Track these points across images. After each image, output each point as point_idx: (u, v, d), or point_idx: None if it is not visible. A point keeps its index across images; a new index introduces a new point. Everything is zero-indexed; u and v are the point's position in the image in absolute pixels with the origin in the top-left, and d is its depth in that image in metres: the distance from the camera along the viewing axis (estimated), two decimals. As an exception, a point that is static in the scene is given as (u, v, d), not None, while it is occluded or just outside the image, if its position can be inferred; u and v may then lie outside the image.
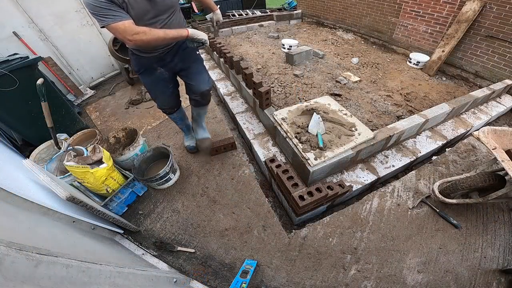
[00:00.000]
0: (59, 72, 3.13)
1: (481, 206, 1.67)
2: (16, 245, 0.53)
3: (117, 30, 1.12)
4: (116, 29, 1.13)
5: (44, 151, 2.05)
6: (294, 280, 1.37)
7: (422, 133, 2.27)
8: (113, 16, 1.10)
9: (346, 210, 1.68)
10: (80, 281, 0.66)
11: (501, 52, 2.81)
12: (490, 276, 1.36)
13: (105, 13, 1.07)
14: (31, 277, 0.51)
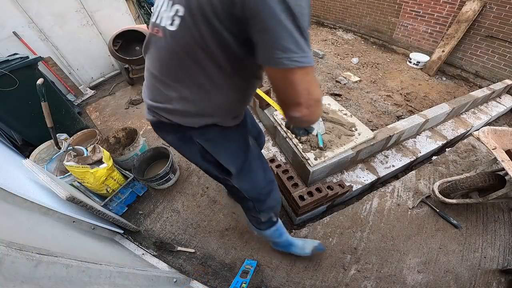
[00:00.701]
0: (59, 72, 3.12)
1: (481, 206, 1.67)
2: (16, 245, 0.53)
3: (310, 83, 0.56)
4: (311, 82, 0.56)
5: (44, 151, 2.05)
6: (294, 280, 1.37)
7: (422, 133, 2.27)
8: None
9: (346, 210, 1.68)
10: (80, 281, 0.66)
11: (501, 52, 2.81)
12: (490, 276, 1.36)
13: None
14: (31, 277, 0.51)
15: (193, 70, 0.65)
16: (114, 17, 3.63)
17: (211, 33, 0.56)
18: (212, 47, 0.59)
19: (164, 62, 0.69)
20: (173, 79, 0.70)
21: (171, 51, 0.65)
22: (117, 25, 3.42)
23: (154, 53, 0.72)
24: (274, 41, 0.49)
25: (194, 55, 0.62)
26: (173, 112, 0.75)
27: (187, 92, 0.70)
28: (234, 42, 0.57)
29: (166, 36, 0.64)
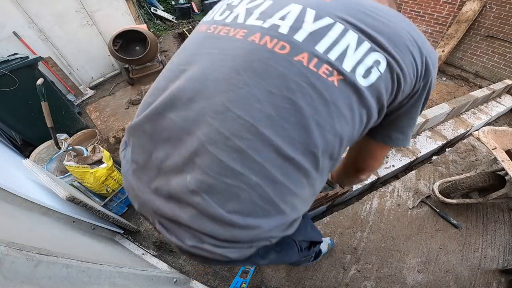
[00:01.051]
0: (59, 72, 3.12)
1: (481, 206, 1.67)
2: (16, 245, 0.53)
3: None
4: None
5: (44, 151, 2.05)
6: (294, 280, 1.37)
7: (422, 133, 2.27)
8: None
9: (346, 210, 1.68)
10: (80, 281, 0.67)
11: (501, 52, 2.81)
12: (490, 276, 1.36)
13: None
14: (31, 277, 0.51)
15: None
16: (114, 17, 3.63)
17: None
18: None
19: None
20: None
21: (330, 107, 0.39)
22: (117, 25, 3.43)
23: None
24: (399, 126, 0.50)
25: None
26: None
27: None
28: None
29: (344, 84, 0.39)
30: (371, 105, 0.41)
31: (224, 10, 0.49)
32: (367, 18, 0.40)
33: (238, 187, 0.37)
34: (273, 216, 0.40)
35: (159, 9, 7.09)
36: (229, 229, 0.39)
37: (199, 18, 7.14)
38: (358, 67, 0.39)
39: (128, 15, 3.79)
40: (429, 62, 0.42)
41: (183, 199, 0.40)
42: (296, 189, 0.41)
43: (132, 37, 3.30)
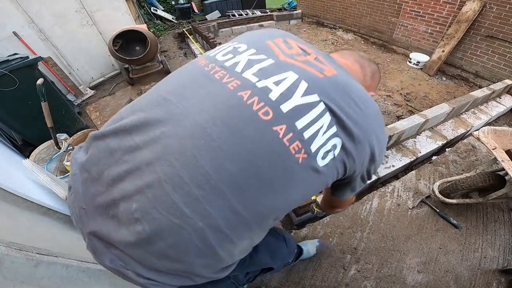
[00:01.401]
0: (59, 72, 3.13)
1: (481, 206, 1.67)
2: (16, 245, 0.53)
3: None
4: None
5: (44, 151, 2.05)
6: (294, 280, 1.37)
7: (422, 133, 2.27)
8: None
9: (346, 210, 1.68)
10: (80, 281, 0.67)
11: (501, 52, 2.81)
12: (490, 276, 1.36)
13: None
14: (31, 277, 0.51)
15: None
16: (114, 17, 3.63)
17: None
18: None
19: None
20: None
21: (292, 178, 0.43)
22: (117, 25, 3.43)
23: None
24: (351, 187, 0.59)
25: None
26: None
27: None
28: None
29: (305, 162, 0.43)
30: (325, 180, 0.47)
31: (228, 52, 0.50)
32: (347, 104, 0.45)
33: (182, 227, 0.38)
34: (208, 258, 0.41)
35: (159, 9, 7.10)
36: (161, 260, 0.39)
37: (199, 18, 7.14)
38: (320, 150, 0.43)
39: (128, 15, 3.80)
40: (376, 159, 0.51)
41: (123, 223, 0.39)
42: (237, 240, 0.42)
43: (132, 37, 3.30)
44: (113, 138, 0.44)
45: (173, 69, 3.99)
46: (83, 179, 0.45)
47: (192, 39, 4.92)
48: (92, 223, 0.42)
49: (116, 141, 0.43)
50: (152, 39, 3.20)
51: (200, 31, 4.36)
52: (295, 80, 0.43)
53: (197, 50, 4.42)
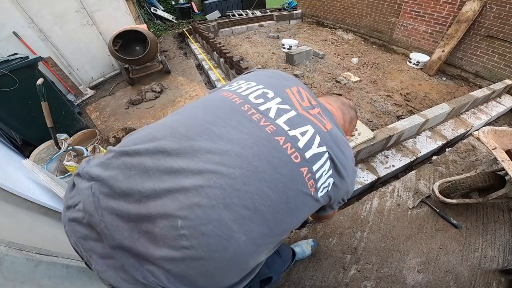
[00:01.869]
0: (59, 72, 3.13)
1: (481, 206, 1.67)
2: (16, 245, 0.53)
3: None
4: None
5: (44, 151, 2.05)
6: (294, 280, 1.37)
7: (422, 133, 2.27)
8: None
9: (346, 210, 1.68)
10: (80, 281, 0.67)
11: (501, 52, 2.81)
12: (490, 276, 1.36)
13: None
14: (31, 277, 0.51)
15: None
16: (114, 17, 3.64)
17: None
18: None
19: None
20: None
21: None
22: (117, 25, 3.43)
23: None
24: (332, 207, 0.70)
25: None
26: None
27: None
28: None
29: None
30: (320, 205, 0.60)
31: (259, 96, 0.59)
32: (339, 153, 0.59)
33: (229, 241, 0.43)
34: (239, 270, 0.47)
35: (159, 9, 7.10)
36: (200, 275, 0.43)
37: (199, 18, 7.14)
38: (322, 186, 0.56)
39: (128, 15, 3.80)
40: (350, 189, 0.68)
41: (164, 239, 0.41)
42: (265, 253, 0.51)
43: (132, 37, 3.30)
44: (148, 158, 0.47)
45: (173, 69, 3.99)
46: (103, 193, 0.45)
47: (192, 39, 4.92)
48: (119, 237, 0.43)
49: (152, 161, 0.47)
50: (152, 39, 3.20)
51: (200, 31, 4.36)
52: (312, 133, 0.56)
53: (197, 50, 4.42)
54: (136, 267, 0.42)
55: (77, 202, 0.48)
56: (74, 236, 0.47)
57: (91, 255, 0.45)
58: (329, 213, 0.75)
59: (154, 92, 3.28)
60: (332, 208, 0.72)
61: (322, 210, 0.73)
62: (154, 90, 3.29)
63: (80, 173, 0.51)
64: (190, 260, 0.41)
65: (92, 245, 0.45)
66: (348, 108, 0.81)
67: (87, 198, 0.46)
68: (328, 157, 0.57)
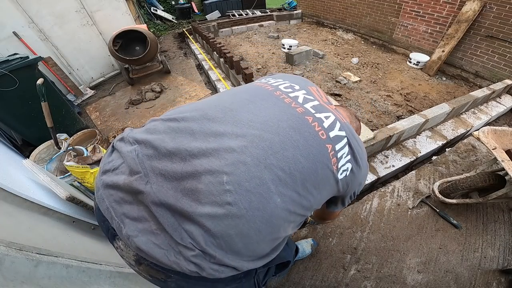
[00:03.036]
0: (59, 72, 3.12)
1: (481, 206, 1.67)
2: (16, 245, 0.53)
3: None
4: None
5: (44, 151, 2.05)
6: (294, 280, 1.37)
7: (422, 133, 2.27)
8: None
9: (346, 210, 1.68)
10: (80, 281, 0.66)
11: (501, 52, 2.81)
12: (490, 276, 1.36)
13: None
14: (31, 277, 0.51)
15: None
16: (114, 17, 3.63)
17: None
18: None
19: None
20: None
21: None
22: (117, 25, 3.43)
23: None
24: (343, 201, 0.74)
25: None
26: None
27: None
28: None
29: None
30: (338, 189, 0.62)
31: (287, 87, 0.67)
32: (356, 142, 0.63)
33: (268, 201, 0.47)
34: (273, 233, 0.50)
35: (159, 9, 7.10)
36: (239, 237, 0.45)
37: (199, 18, 7.14)
38: (341, 167, 0.60)
39: (128, 15, 3.80)
40: (362, 183, 0.71)
41: (209, 195, 0.44)
42: (294, 220, 0.54)
43: (132, 37, 3.30)
44: (195, 123, 0.52)
45: (173, 69, 3.99)
46: (146, 155, 0.49)
47: (192, 39, 4.92)
48: (163, 196, 0.44)
49: (198, 125, 0.52)
50: (152, 39, 3.20)
51: (200, 31, 4.36)
52: (334, 119, 0.61)
53: (197, 50, 4.42)
54: (175, 227, 0.43)
55: (118, 165, 0.51)
56: (108, 200, 0.49)
57: (123, 219, 0.46)
58: (337, 210, 0.77)
59: (154, 92, 3.28)
60: (343, 203, 0.73)
61: (332, 205, 0.75)
62: (154, 90, 3.29)
63: (124, 137, 0.55)
64: (232, 217, 0.43)
65: (126, 209, 0.47)
66: (355, 118, 0.87)
67: (132, 160, 0.49)
68: (347, 143, 0.60)
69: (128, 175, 0.48)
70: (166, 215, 0.44)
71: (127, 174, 0.48)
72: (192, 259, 0.43)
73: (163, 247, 0.43)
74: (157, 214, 0.44)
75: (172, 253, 0.43)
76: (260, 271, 0.76)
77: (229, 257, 0.45)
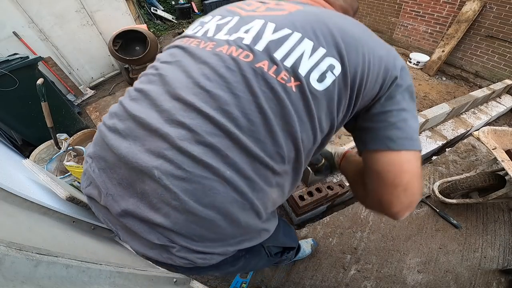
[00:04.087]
0: (59, 72, 3.12)
1: (481, 206, 1.67)
2: (16, 245, 0.53)
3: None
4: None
5: (44, 151, 2.05)
6: (294, 280, 1.37)
7: (422, 133, 2.27)
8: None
9: (346, 210, 1.68)
10: (80, 281, 0.66)
11: (501, 52, 2.81)
12: (490, 276, 1.36)
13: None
14: (31, 277, 0.51)
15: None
16: (114, 17, 3.63)
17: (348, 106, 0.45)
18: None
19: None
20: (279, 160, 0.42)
21: (289, 112, 0.40)
22: (117, 25, 3.43)
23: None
24: (390, 123, 0.46)
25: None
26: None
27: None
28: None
29: (300, 90, 0.41)
30: (330, 108, 0.43)
31: (196, 27, 0.53)
32: (323, 26, 0.43)
33: (213, 180, 0.38)
34: (248, 211, 0.42)
35: (159, 9, 7.10)
36: (205, 225, 0.40)
37: (199, 18, 7.14)
38: (312, 72, 0.40)
39: (128, 15, 3.79)
40: (395, 73, 0.44)
41: (154, 198, 0.40)
42: (266, 186, 0.42)
43: (132, 37, 3.30)
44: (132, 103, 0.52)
45: (173, 69, 3.99)
46: (101, 169, 0.47)
47: (192, 39, 4.91)
48: (124, 205, 0.43)
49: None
50: (152, 39, 3.20)
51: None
52: (262, 24, 0.44)
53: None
54: (148, 231, 0.41)
55: (89, 183, 0.49)
56: (99, 213, 0.50)
57: (117, 228, 0.47)
58: (389, 148, 0.43)
59: (154, 92, 3.27)
60: (388, 128, 0.43)
61: (367, 134, 0.46)
62: (154, 90, 3.29)
63: (85, 157, 0.54)
64: (183, 212, 0.40)
65: (114, 218, 0.46)
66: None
67: (93, 176, 0.47)
68: (302, 36, 0.42)
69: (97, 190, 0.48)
70: (134, 223, 0.42)
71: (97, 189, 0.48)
72: (178, 254, 0.42)
73: (154, 248, 0.43)
74: (127, 224, 0.43)
75: (161, 252, 0.43)
76: (270, 245, 0.73)
77: (206, 245, 0.42)
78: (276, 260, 0.82)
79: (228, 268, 0.56)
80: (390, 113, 0.44)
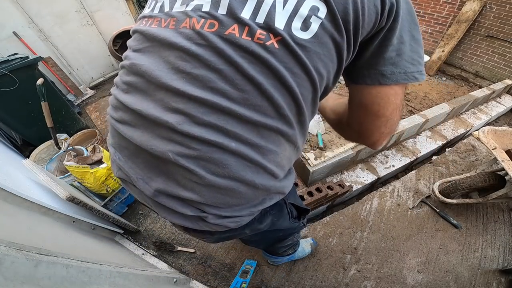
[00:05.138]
0: (59, 72, 3.12)
1: (481, 206, 1.67)
2: (16, 245, 0.53)
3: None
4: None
5: (44, 151, 2.05)
6: (294, 280, 1.37)
7: (422, 133, 2.27)
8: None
9: (346, 210, 1.68)
10: (80, 281, 0.66)
11: (501, 52, 2.81)
12: (490, 276, 1.36)
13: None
14: (31, 277, 0.51)
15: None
16: (114, 17, 3.63)
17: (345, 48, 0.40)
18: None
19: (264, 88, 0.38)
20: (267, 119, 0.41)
21: (278, 71, 0.38)
22: (117, 25, 3.43)
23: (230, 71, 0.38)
24: (386, 57, 0.44)
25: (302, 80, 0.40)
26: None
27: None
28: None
29: (283, 45, 0.37)
30: (324, 56, 0.39)
31: (150, 3, 0.49)
32: None
33: (222, 153, 0.40)
34: (262, 175, 0.43)
35: (159, 9, 7.09)
36: (228, 193, 0.43)
37: (199, 18, 7.13)
38: (293, 22, 0.36)
39: (128, 15, 3.79)
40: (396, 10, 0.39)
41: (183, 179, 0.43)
42: (275, 147, 0.43)
43: (132, 37, 3.29)
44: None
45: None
46: (127, 156, 0.51)
47: (192, 39, 4.91)
48: (155, 185, 0.46)
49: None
50: (152, 39, 3.19)
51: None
52: None
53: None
54: (180, 204, 0.45)
55: (118, 169, 0.53)
56: (136, 195, 0.54)
57: (154, 206, 0.50)
58: (380, 83, 0.42)
59: (154, 92, 3.27)
60: (380, 42, 0.41)
61: (365, 63, 0.43)
62: (154, 90, 3.29)
63: (108, 146, 0.59)
64: (208, 187, 0.43)
65: (149, 199, 0.49)
66: None
67: (120, 164, 0.50)
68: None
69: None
70: (165, 199, 0.46)
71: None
72: (212, 221, 0.46)
73: (190, 220, 0.47)
74: (159, 201, 0.46)
75: (198, 221, 0.47)
76: (290, 201, 0.76)
77: (233, 209, 0.46)
78: (295, 224, 0.83)
79: (257, 226, 0.60)
80: (385, 48, 0.41)
